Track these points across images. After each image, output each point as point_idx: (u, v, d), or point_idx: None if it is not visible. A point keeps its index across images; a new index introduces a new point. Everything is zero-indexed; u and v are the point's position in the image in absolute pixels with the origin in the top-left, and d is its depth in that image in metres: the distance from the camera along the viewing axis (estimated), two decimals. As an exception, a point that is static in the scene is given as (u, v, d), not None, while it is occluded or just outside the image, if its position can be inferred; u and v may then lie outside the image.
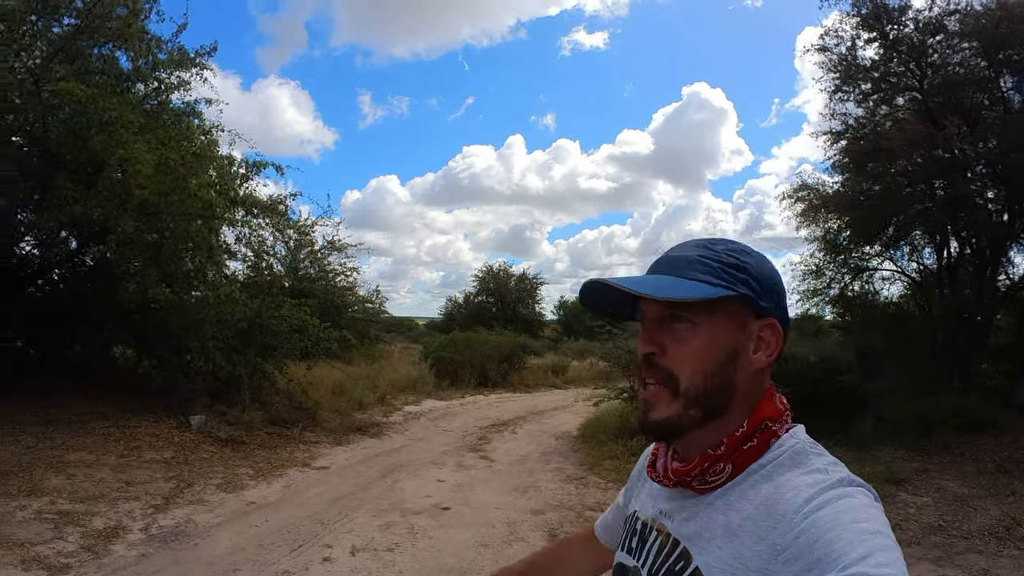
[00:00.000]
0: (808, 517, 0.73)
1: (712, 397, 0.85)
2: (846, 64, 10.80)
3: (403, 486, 6.79)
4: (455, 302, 31.88)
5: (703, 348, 0.85)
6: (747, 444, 0.85)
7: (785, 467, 0.82)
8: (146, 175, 6.32)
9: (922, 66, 10.14)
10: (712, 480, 0.86)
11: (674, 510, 0.91)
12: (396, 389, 13.50)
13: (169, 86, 8.23)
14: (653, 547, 0.92)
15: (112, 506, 5.37)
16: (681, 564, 0.85)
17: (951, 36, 9.83)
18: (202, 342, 8.12)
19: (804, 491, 0.76)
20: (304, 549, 4.81)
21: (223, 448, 7.49)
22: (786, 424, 0.88)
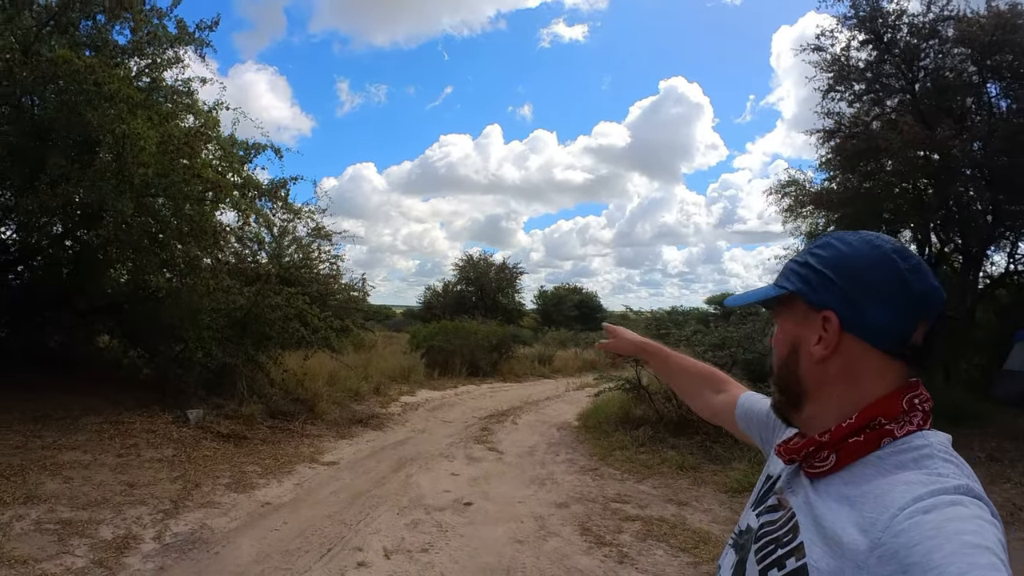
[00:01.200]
0: (912, 517, 0.71)
1: (786, 385, 0.95)
2: (840, 64, 11.13)
3: (418, 481, 6.53)
4: (434, 291, 31.55)
5: (776, 342, 0.98)
6: (852, 438, 0.85)
7: (906, 467, 0.80)
8: (150, 152, 5.79)
9: (914, 69, 10.55)
10: (819, 466, 0.87)
11: (798, 484, 0.92)
12: (389, 379, 13.25)
13: (163, 63, 7.67)
14: (772, 514, 0.95)
15: (118, 512, 4.92)
16: (789, 537, 0.86)
17: (944, 42, 10.24)
18: (198, 332, 7.64)
19: (915, 489, 0.74)
20: (334, 553, 4.47)
21: (225, 444, 7.08)
22: (909, 426, 0.85)
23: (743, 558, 0.96)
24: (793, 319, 0.94)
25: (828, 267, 0.90)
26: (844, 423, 0.86)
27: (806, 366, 0.91)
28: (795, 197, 12.51)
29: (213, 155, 7.64)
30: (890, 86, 10.76)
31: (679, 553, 4.79)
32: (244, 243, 9.19)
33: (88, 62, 5.93)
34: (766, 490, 1.03)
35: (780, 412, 1.00)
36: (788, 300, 0.95)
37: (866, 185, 10.79)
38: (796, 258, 0.96)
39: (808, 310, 0.91)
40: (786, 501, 0.93)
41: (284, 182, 8.31)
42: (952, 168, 9.75)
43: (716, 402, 1.43)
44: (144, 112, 6.27)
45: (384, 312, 37.77)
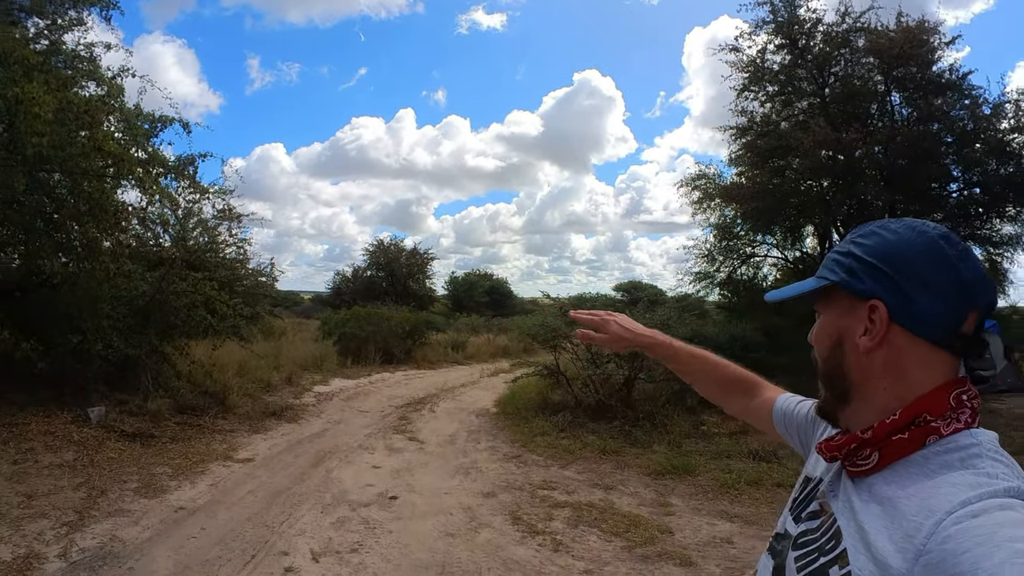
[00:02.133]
0: (960, 523, 0.67)
1: (832, 380, 0.92)
2: (755, 66, 11.68)
3: (339, 475, 6.37)
4: (344, 276, 30.75)
5: (818, 336, 0.95)
6: (896, 435, 0.81)
7: (953, 468, 0.76)
8: (45, 120, 5.20)
9: (825, 75, 11.23)
10: (861, 464, 0.84)
11: (840, 487, 0.89)
12: (300, 368, 12.84)
13: (64, 24, 6.88)
14: (812, 521, 0.91)
15: (16, 528, 4.47)
16: (832, 544, 0.83)
17: (855, 51, 10.94)
18: (97, 321, 7.02)
19: (962, 492, 0.70)
20: (259, 560, 4.25)
21: (131, 444, 6.59)
22: (956, 423, 0.80)
23: (780, 564, 0.94)
24: (837, 311, 0.91)
25: (874, 256, 0.86)
26: (888, 419, 0.82)
27: (852, 359, 0.88)
28: (705, 190, 13.01)
29: (116, 127, 6.96)
30: (802, 89, 11.43)
31: (612, 538, 4.85)
32: (147, 225, 8.59)
33: (-26, 19, 5.26)
34: (806, 494, 0.98)
35: (827, 411, 0.96)
36: (831, 292, 0.91)
37: (775, 181, 11.32)
38: (838, 248, 0.93)
39: (853, 301, 0.88)
40: (828, 506, 0.89)
41: (192, 158, 7.74)
42: (856, 169, 10.40)
43: (751, 406, 1.40)
44: (41, 76, 5.62)
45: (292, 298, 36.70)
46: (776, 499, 5.78)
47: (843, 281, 0.88)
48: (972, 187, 10.86)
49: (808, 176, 11.07)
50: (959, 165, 10.67)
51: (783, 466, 6.57)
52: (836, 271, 0.90)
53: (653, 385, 9.43)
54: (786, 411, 1.27)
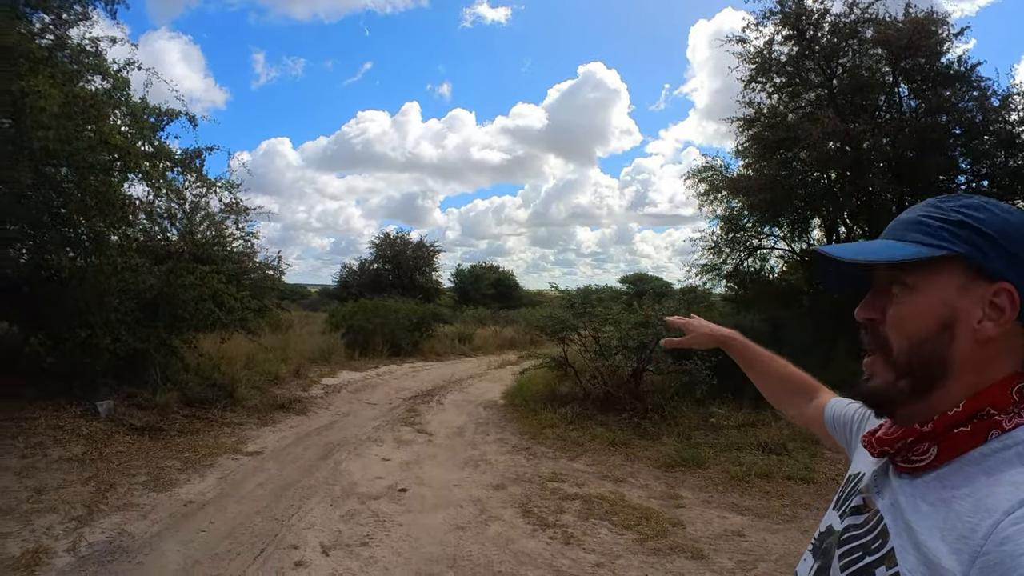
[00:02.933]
0: (1019, 524, 0.63)
1: (922, 368, 0.80)
2: (762, 57, 11.60)
3: (349, 468, 6.36)
4: (350, 269, 30.79)
5: (913, 313, 0.81)
6: (958, 428, 0.76)
7: (1011, 464, 0.71)
8: (51, 114, 5.18)
9: (833, 66, 11.12)
10: (916, 460, 0.79)
11: (885, 484, 0.84)
12: (308, 360, 12.87)
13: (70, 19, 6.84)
14: (856, 516, 0.86)
15: (25, 523, 4.45)
16: (878, 543, 0.78)
17: (863, 42, 10.81)
18: (105, 315, 7.02)
19: (1022, 491, 0.66)
20: (269, 554, 4.24)
21: (140, 437, 6.59)
22: (1018, 418, 0.75)
23: (826, 563, 0.87)
24: (948, 286, 0.79)
25: (999, 232, 0.78)
26: (950, 412, 0.77)
27: (963, 345, 0.78)
28: (711, 182, 12.97)
29: (122, 120, 6.95)
30: (809, 80, 11.35)
31: (623, 531, 4.83)
32: (155, 219, 8.57)
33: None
34: (850, 491, 0.94)
35: (890, 402, 0.85)
36: (935, 264, 0.80)
37: (782, 173, 11.26)
38: (936, 215, 0.82)
39: (972, 278, 0.78)
40: (872, 502, 0.85)
41: (199, 152, 7.73)
42: (863, 161, 10.32)
43: (809, 410, 1.39)
44: (47, 70, 5.60)
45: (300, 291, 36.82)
46: (786, 492, 5.76)
47: (969, 254, 0.78)
48: (981, 179, 10.77)
49: (816, 168, 11.02)
50: (968, 157, 10.62)
51: (793, 459, 6.54)
52: (954, 241, 0.79)
53: (661, 377, 9.40)
54: (836, 413, 1.25)
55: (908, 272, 0.82)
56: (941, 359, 0.79)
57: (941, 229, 0.80)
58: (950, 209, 0.81)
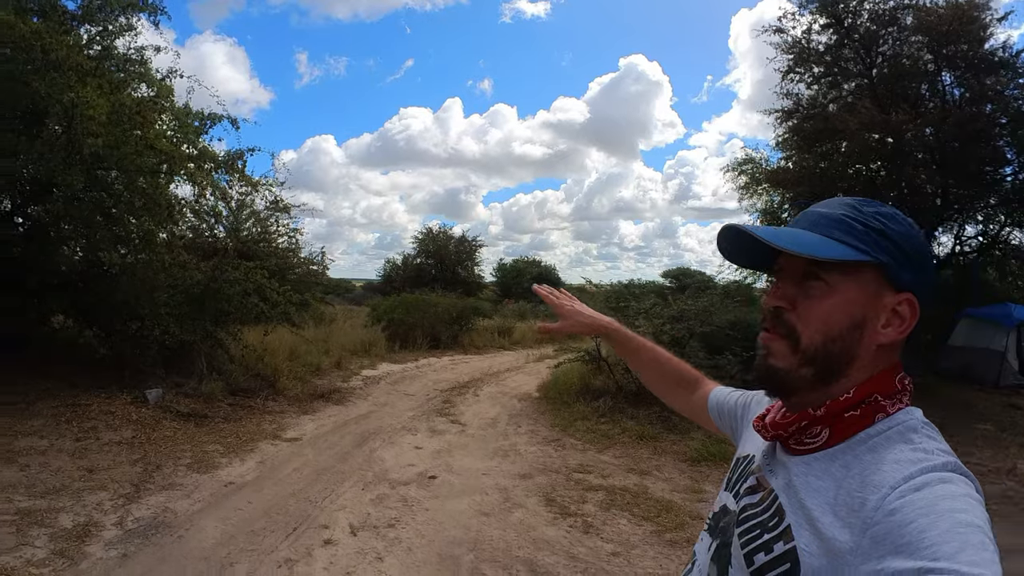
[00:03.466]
0: (904, 496, 0.70)
1: (828, 361, 0.85)
2: (800, 47, 11.37)
3: (382, 455, 6.56)
4: (394, 264, 31.23)
5: (830, 310, 0.84)
6: (848, 413, 0.83)
7: (892, 441, 0.79)
8: (100, 122, 5.56)
9: (872, 55, 10.85)
10: (808, 443, 0.85)
11: (777, 465, 0.90)
12: (349, 353, 13.17)
13: (115, 30, 7.29)
14: (751, 496, 0.91)
15: (77, 499, 4.80)
16: (775, 521, 0.83)
17: (903, 29, 10.51)
18: (154, 309, 7.44)
19: (905, 468, 0.74)
20: (300, 532, 4.48)
21: (186, 423, 6.96)
22: (900, 404, 0.84)
23: (725, 541, 0.93)
24: (862, 290, 0.84)
25: (908, 245, 0.84)
26: (841, 397, 0.83)
27: (866, 345, 0.85)
28: (751, 175, 12.82)
29: (167, 126, 7.35)
30: (848, 70, 11.03)
31: (642, 522, 4.91)
32: (201, 217, 8.96)
33: (35, 28, 5.63)
34: (740, 472, 1.00)
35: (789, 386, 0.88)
36: (853, 266, 0.84)
37: (822, 165, 11.05)
38: (857, 217, 0.86)
39: (883, 286, 0.84)
40: (766, 482, 0.90)
41: (241, 153, 8.05)
42: (905, 152, 10.04)
43: (693, 400, 1.41)
44: (94, 80, 5.99)
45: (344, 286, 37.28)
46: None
47: (888, 264, 0.84)
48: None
49: (856, 160, 10.77)
50: (1014, 147, 10.25)
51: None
52: (873, 249, 0.84)
53: (697, 372, 9.40)
54: (720, 403, 1.30)
55: (828, 270, 0.85)
56: (848, 355, 0.85)
57: (866, 235, 0.84)
58: (871, 215, 0.86)
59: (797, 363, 0.86)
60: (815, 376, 0.85)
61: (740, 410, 1.22)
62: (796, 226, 0.91)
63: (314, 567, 3.95)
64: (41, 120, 6.29)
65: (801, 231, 0.88)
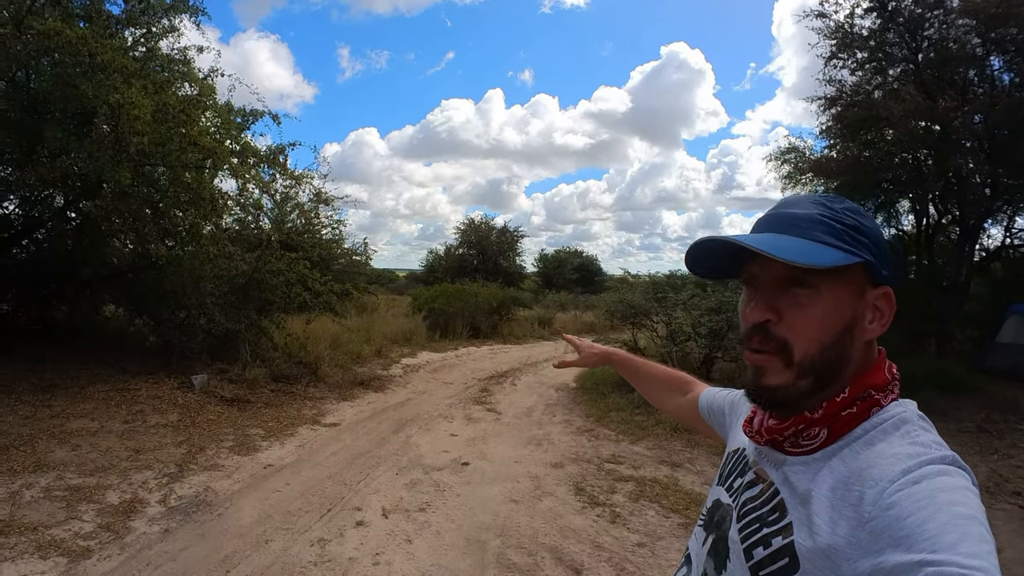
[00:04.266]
0: (902, 489, 0.70)
1: (826, 368, 0.84)
2: (843, 32, 11.04)
3: (417, 441, 6.69)
4: (436, 254, 31.59)
5: (823, 317, 0.83)
6: (846, 411, 0.82)
7: (888, 434, 0.79)
8: (145, 121, 5.82)
9: (918, 39, 10.44)
10: (805, 444, 0.84)
11: (774, 459, 0.89)
12: (390, 341, 13.41)
13: (158, 32, 7.62)
14: (751, 490, 0.90)
15: (124, 477, 5.06)
16: (775, 515, 0.83)
17: (949, 12, 10.08)
18: (200, 299, 7.75)
19: (902, 461, 0.73)
20: (334, 513, 4.63)
21: (229, 408, 7.23)
22: (892, 395, 0.84)
23: (721, 536, 0.93)
24: (849, 292, 0.84)
25: (880, 243, 0.85)
26: (838, 397, 0.83)
27: (858, 345, 0.85)
28: (795, 164, 12.56)
29: (210, 122, 7.63)
30: (893, 55, 10.65)
31: (670, 514, 4.91)
32: (245, 209, 9.24)
33: (81, 33, 5.89)
34: (734, 465, 1.00)
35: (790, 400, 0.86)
36: (841, 269, 0.82)
37: (866, 154, 10.73)
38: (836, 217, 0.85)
39: (865, 284, 0.85)
40: (765, 475, 0.90)
41: (282, 148, 8.31)
42: (952, 140, 9.70)
43: (683, 403, 1.44)
44: (139, 81, 6.26)
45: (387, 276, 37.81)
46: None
47: (870, 263, 0.84)
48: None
49: (901, 148, 10.41)
50: (1067, 135, 9.76)
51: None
52: (857, 248, 0.83)
53: (734, 364, 9.30)
54: (710, 403, 1.31)
55: (816, 273, 0.82)
56: (844, 359, 0.84)
57: (847, 234, 0.83)
58: (842, 212, 0.85)
59: (794, 377, 0.84)
60: (813, 386, 0.84)
61: (727, 406, 1.24)
62: (767, 230, 0.88)
63: (345, 547, 4.09)
64: (90, 120, 6.59)
65: (782, 236, 0.85)
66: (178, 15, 7.59)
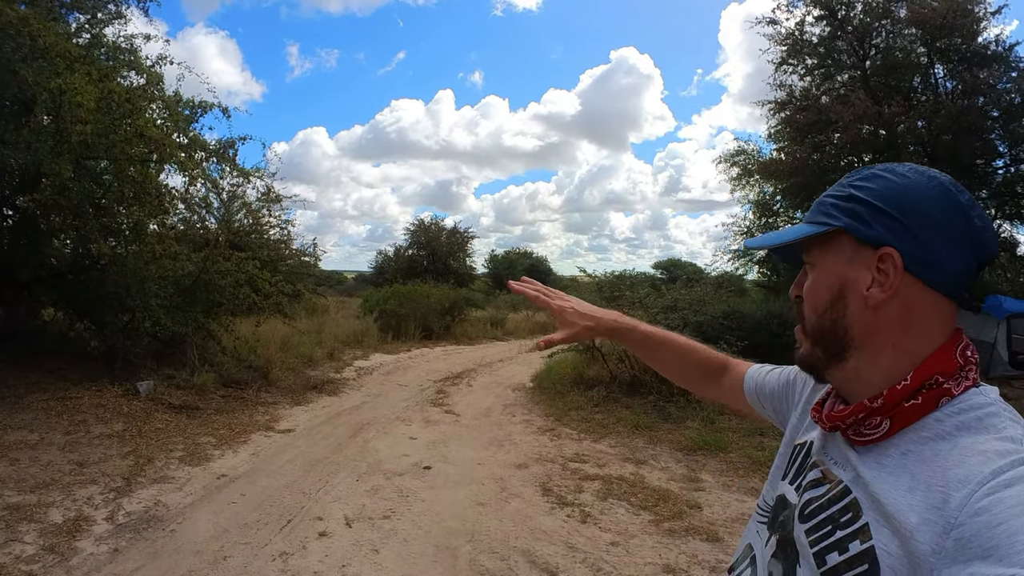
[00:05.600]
0: (993, 494, 0.63)
1: (825, 336, 0.84)
2: (793, 39, 11.43)
3: (376, 446, 6.54)
4: (385, 255, 31.24)
5: (813, 287, 0.86)
6: (909, 401, 0.76)
7: (970, 429, 0.71)
8: (88, 109, 5.48)
9: (866, 47, 10.87)
10: (868, 434, 0.79)
11: (841, 457, 0.83)
12: (342, 343, 13.17)
13: (105, 18, 7.21)
14: (816, 489, 0.84)
15: (68, 493, 4.76)
16: (848, 516, 0.77)
17: (897, 22, 10.55)
18: (145, 300, 7.37)
19: (992, 460, 0.66)
20: (294, 524, 4.44)
21: (178, 416, 6.91)
22: (966, 382, 0.76)
23: (786, 537, 0.87)
24: (837, 260, 0.82)
25: (881, 199, 0.79)
26: (899, 385, 0.77)
27: (856, 313, 0.80)
28: (744, 167, 12.88)
29: (157, 114, 7.26)
30: (842, 62, 11.08)
31: (640, 511, 4.89)
32: (192, 207, 8.89)
33: (22, 14, 5.52)
34: (801, 460, 0.93)
35: (813, 367, 0.88)
36: (828, 240, 0.83)
37: (815, 156, 11.04)
38: (833, 192, 0.85)
39: (858, 248, 0.80)
40: (832, 474, 0.83)
41: (232, 142, 7.98)
42: (898, 144, 10.08)
43: (724, 383, 1.31)
44: (83, 68, 5.88)
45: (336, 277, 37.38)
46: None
47: (848, 226, 0.80)
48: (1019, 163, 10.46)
49: (849, 151, 10.80)
50: (1006, 140, 10.32)
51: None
52: (837, 215, 0.82)
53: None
54: (758, 383, 1.21)
55: (811, 251, 0.86)
56: (842, 327, 0.81)
57: (831, 206, 0.83)
58: (847, 184, 0.84)
59: (810, 345, 0.87)
60: (825, 354, 0.85)
61: (783, 389, 1.14)
62: None
63: (309, 560, 3.91)
64: (29, 108, 6.18)
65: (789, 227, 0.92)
66: (125, 1, 7.21)
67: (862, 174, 0.84)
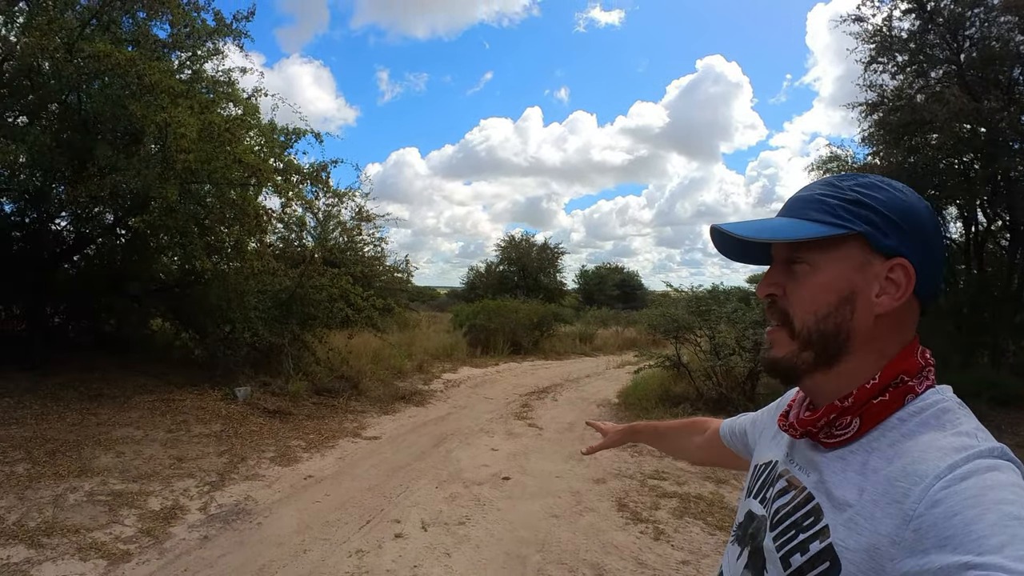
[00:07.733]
0: (949, 487, 0.66)
1: (824, 340, 0.83)
2: (881, 35, 10.76)
3: (458, 455, 6.63)
4: (477, 271, 31.68)
5: (815, 289, 0.83)
6: (878, 398, 0.79)
7: (930, 426, 0.76)
8: (190, 139, 6.02)
9: (959, 39, 10.11)
10: (839, 434, 0.82)
11: (806, 463, 0.87)
12: (432, 357, 13.44)
13: (204, 55, 7.92)
14: (783, 497, 0.87)
15: (166, 484, 5.15)
16: (810, 520, 0.79)
17: (990, 10, 9.77)
18: (244, 313, 7.91)
19: (948, 455, 0.69)
20: (373, 525, 4.60)
21: (271, 420, 7.32)
22: (927, 381, 0.81)
23: (756, 547, 0.90)
24: (846, 264, 0.82)
25: (892, 211, 0.81)
26: (868, 383, 0.80)
27: (863, 319, 0.81)
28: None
29: (254, 141, 7.83)
30: (934, 57, 10.29)
31: (715, 531, 4.76)
32: (289, 227, 9.44)
33: (129, 56, 6.11)
34: (765, 478, 0.96)
35: (793, 370, 0.86)
36: (833, 242, 0.82)
37: (911, 160, 10.36)
38: (829, 192, 0.85)
39: (870, 255, 0.81)
40: (797, 481, 0.86)
41: (324, 165, 8.44)
42: (1000, 141, 9.31)
43: (703, 440, 1.44)
44: (185, 101, 6.46)
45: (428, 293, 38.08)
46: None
47: (867, 233, 0.81)
48: None
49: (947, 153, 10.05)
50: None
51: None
52: (852, 220, 0.82)
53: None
54: (732, 427, 1.30)
55: (808, 250, 0.84)
56: (844, 332, 0.82)
57: (839, 208, 0.83)
58: (847, 188, 0.84)
59: (797, 348, 0.85)
60: (816, 359, 0.84)
61: (748, 425, 1.22)
62: (780, 214, 0.91)
63: (383, 559, 4.04)
64: (138, 139, 6.85)
65: (777, 219, 0.89)
66: (222, 39, 7.86)
67: (862, 181, 0.85)
